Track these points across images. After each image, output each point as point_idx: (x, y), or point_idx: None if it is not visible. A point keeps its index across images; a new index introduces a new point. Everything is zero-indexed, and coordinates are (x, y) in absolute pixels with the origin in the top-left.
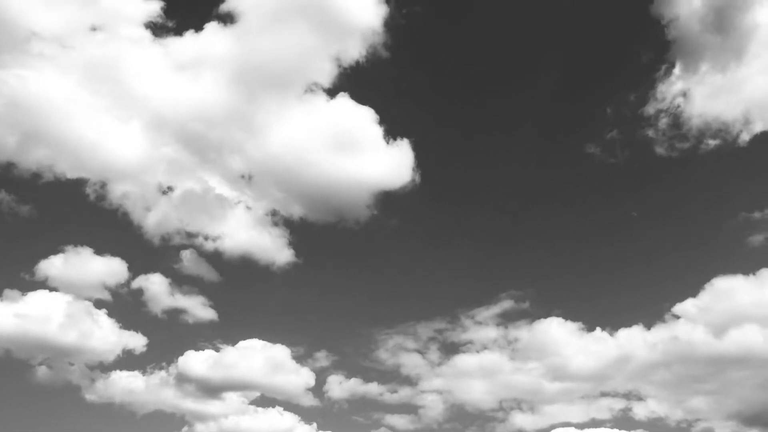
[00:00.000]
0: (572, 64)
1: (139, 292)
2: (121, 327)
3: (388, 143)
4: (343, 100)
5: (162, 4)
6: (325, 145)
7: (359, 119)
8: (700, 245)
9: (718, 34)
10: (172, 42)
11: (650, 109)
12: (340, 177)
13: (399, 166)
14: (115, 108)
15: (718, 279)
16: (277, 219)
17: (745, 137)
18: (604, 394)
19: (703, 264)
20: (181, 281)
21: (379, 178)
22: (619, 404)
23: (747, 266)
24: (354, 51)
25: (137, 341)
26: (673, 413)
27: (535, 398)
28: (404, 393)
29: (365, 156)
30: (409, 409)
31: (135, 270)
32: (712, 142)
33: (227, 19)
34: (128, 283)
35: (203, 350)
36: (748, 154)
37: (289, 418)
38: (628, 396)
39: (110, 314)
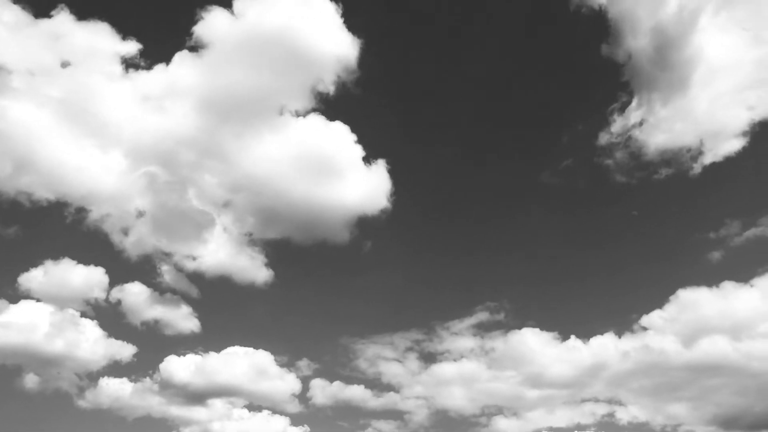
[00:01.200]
0: (533, 97)
1: (121, 301)
2: (106, 336)
3: (366, 164)
4: (318, 123)
5: (134, 38)
6: (301, 168)
7: (334, 142)
8: (663, 260)
9: (665, 69)
10: (146, 74)
11: (605, 140)
12: (317, 199)
13: (376, 187)
14: (92, 137)
15: (683, 291)
16: (254, 240)
17: (696, 165)
18: (584, 400)
19: (668, 277)
20: (163, 291)
21: (356, 200)
22: (601, 409)
23: (710, 279)
24: (327, 78)
25: (122, 349)
26: (653, 419)
27: (516, 404)
28: (387, 399)
29: (342, 178)
30: (394, 414)
31: (115, 280)
32: (665, 171)
33: (197, 48)
34: (109, 293)
35: (185, 356)
36: (699, 181)
37: (279, 422)
38: (608, 402)
39: (95, 323)
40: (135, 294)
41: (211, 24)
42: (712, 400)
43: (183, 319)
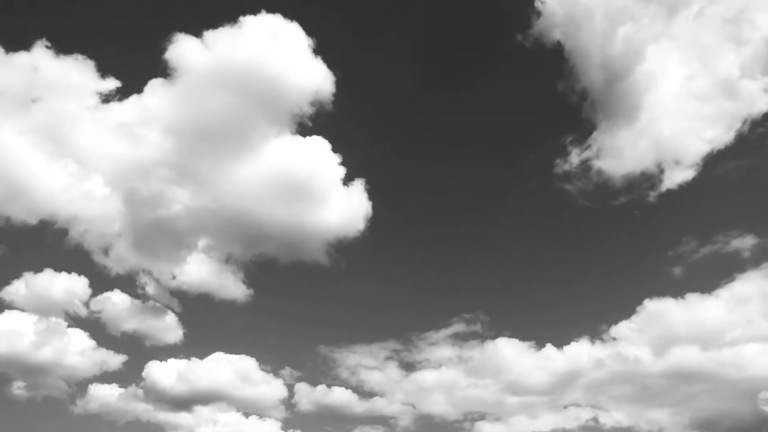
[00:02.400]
0: (500, 130)
1: (105, 310)
2: (92, 344)
3: (344, 185)
4: (292, 148)
5: (112, 75)
6: (277, 191)
7: (310, 165)
8: (629, 274)
9: (617, 101)
10: (122, 104)
11: (565, 167)
12: (294, 220)
13: (354, 207)
14: (73, 162)
15: (649, 301)
16: (233, 260)
17: (653, 192)
18: (566, 406)
19: (634, 289)
20: (146, 299)
21: (335, 221)
22: (584, 414)
23: (674, 291)
24: (301, 105)
25: (108, 357)
26: (635, 424)
27: (498, 410)
28: (372, 405)
29: (320, 199)
30: (380, 420)
31: (98, 290)
32: (624, 197)
33: (170, 76)
34: (92, 302)
35: (169, 363)
36: (655, 205)
37: (270, 427)
38: (591, 407)
39: (80, 331)
40: (118, 303)
41: (188, 53)
42: (690, 406)
43: (167, 327)
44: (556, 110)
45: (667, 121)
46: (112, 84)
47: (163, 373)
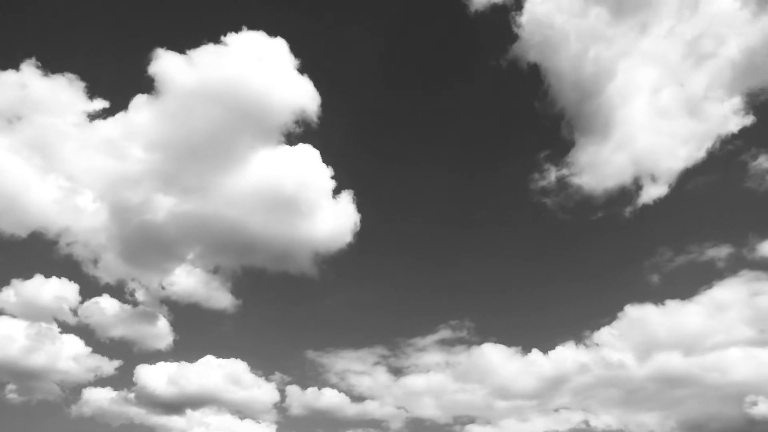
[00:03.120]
0: (483, 145)
1: (96, 314)
2: (85, 348)
3: (333, 197)
4: (281, 162)
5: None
6: (263, 203)
7: (297, 178)
8: (609, 281)
9: (594, 120)
10: (110, 120)
11: (543, 184)
12: (282, 231)
13: (343, 219)
14: (62, 176)
15: (630, 307)
16: (222, 271)
17: (629, 206)
18: (556, 409)
19: (615, 295)
20: (136, 304)
21: (322, 231)
22: (575, 417)
23: (653, 297)
24: (287, 119)
25: (101, 362)
26: (624, 427)
27: (487, 414)
28: (364, 408)
29: (309, 211)
30: (372, 423)
31: (88, 296)
32: (601, 212)
33: (155, 92)
34: (82, 307)
35: (159, 367)
36: (632, 220)
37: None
38: (581, 410)
39: (72, 336)
40: (109, 308)
41: (174, 69)
42: (677, 410)
43: (158, 332)
44: (538, 128)
45: (641, 139)
46: (99, 101)
47: (154, 377)
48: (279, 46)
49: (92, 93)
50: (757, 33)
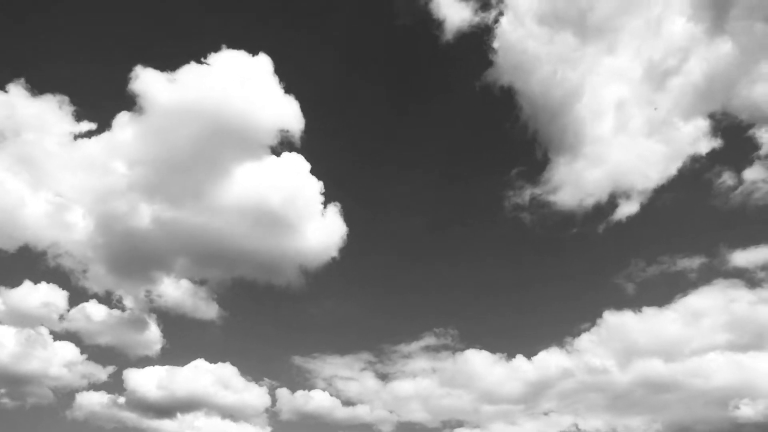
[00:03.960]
0: (462, 166)
1: (85, 320)
2: (75, 353)
3: (321, 210)
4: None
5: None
6: (251, 215)
7: (284, 191)
8: (588, 289)
9: (563, 138)
10: (96, 138)
11: (518, 200)
12: (269, 242)
13: (330, 232)
14: (51, 192)
15: (609, 314)
16: (208, 282)
17: (602, 225)
18: (546, 413)
19: (594, 303)
20: (124, 309)
21: (309, 245)
22: (564, 420)
23: (631, 305)
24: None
25: (90, 367)
26: (612, 430)
27: (475, 418)
28: (355, 413)
29: (296, 224)
30: (362, 428)
31: (75, 302)
32: (575, 229)
33: (138, 110)
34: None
35: (148, 371)
36: (603, 235)
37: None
38: (565, 415)
39: (61, 341)
40: (98, 314)
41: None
42: (663, 414)
43: (147, 337)
44: (513, 147)
45: (612, 157)
46: (85, 119)
47: (145, 381)
48: (262, 63)
49: (78, 112)
50: (715, 57)
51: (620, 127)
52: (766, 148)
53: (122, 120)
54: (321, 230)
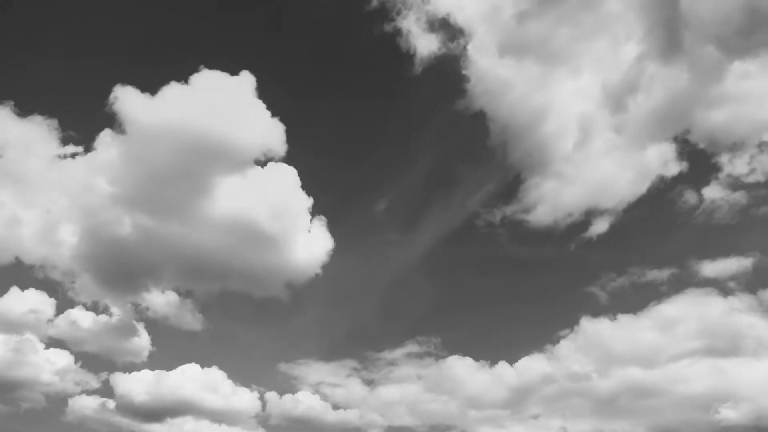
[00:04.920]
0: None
1: (73, 327)
2: (68, 359)
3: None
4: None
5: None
6: (236, 229)
7: (269, 209)
8: (565, 298)
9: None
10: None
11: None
12: (252, 255)
13: (315, 246)
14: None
15: (586, 322)
16: (193, 295)
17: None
18: (535, 417)
19: (571, 311)
20: (111, 314)
21: (295, 259)
22: (551, 424)
23: (606, 312)
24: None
25: (79, 372)
26: None
27: (462, 423)
28: (343, 416)
29: (281, 239)
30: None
31: (62, 308)
32: (549, 245)
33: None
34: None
35: (143, 377)
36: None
37: None
38: (552, 418)
39: (51, 349)
40: (86, 320)
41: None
42: (648, 418)
43: (135, 343)
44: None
45: (584, 177)
46: (70, 139)
47: (133, 386)
48: (245, 82)
49: (64, 132)
50: (672, 81)
51: (586, 149)
52: (726, 169)
53: (105, 139)
54: (307, 245)
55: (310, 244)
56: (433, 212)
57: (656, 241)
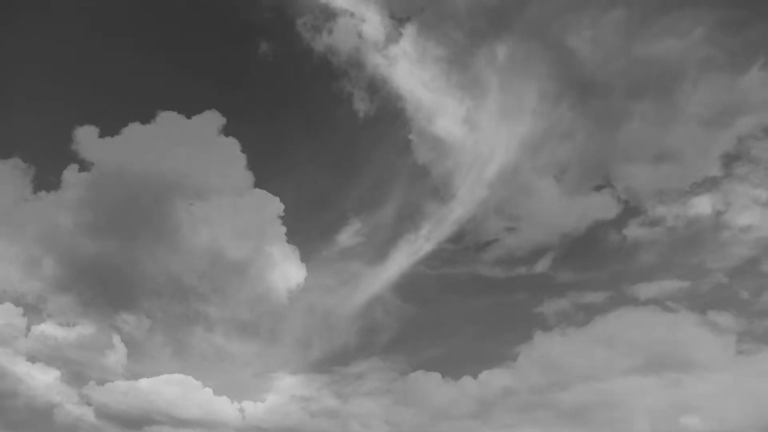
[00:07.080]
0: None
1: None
2: (47, 369)
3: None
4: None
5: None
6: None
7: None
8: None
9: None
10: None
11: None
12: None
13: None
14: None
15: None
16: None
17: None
18: (509, 426)
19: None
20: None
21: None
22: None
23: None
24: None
25: (60, 382)
26: None
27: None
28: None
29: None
30: None
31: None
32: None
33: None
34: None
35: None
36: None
37: None
38: (525, 428)
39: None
40: (62, 332)
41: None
42: (617, 427)
43: (113, 353)
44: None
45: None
46: (37, 179)
47: (112, 395)
48: (210, 120)
49: (31, 172)
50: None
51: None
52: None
53: (71, 177)
54: (279, 272)
55: (282, 272)
56: (402, 245)
57: (590, 271)
